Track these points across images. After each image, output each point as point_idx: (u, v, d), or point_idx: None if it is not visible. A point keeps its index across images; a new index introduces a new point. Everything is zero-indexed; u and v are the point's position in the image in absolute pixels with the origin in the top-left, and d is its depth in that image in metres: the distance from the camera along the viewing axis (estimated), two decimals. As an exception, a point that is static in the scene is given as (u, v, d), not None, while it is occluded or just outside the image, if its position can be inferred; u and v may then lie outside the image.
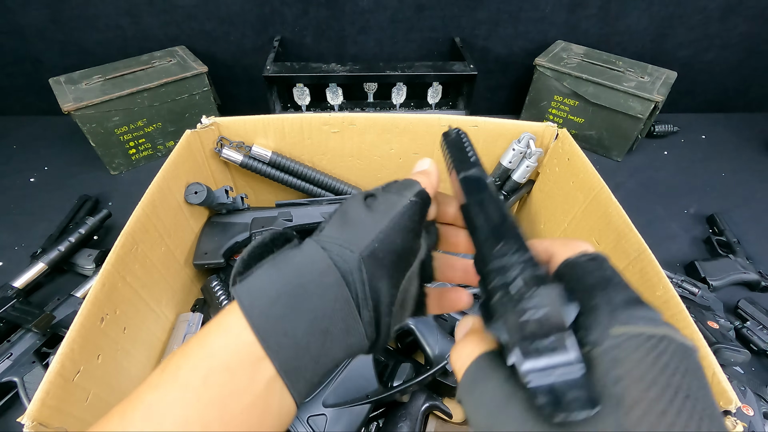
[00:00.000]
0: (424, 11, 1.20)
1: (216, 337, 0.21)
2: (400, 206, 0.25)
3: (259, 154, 0.75)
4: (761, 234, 1.00)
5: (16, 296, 0.72)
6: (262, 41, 1.22)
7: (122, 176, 1.10)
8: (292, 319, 0.21)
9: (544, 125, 0.72)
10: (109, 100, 0.98)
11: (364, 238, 0.23)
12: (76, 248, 0.83)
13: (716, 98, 1.41)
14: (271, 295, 0.21)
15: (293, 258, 0.23)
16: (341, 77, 1.10)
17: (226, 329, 0.21)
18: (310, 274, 0.22)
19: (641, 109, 1.08)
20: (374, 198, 0.26)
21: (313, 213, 0.74)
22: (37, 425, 0.36)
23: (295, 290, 0.21)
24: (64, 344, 0.41)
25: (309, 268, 0.22)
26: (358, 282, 0.22)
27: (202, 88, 1.11)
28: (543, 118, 1.24)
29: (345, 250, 0.23)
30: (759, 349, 0.75)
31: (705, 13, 1.20)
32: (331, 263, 0.22)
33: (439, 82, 1.16)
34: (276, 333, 0.20)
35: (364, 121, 0.73)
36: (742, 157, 1.26)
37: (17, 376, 0.64)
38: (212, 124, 0.70)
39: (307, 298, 0.21)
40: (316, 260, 0.22)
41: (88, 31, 1.15)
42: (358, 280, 0.22)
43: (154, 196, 0.57)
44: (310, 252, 0.23)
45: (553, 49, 1.21)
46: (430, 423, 0.59)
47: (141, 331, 0.56)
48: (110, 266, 0.48)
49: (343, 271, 0.22)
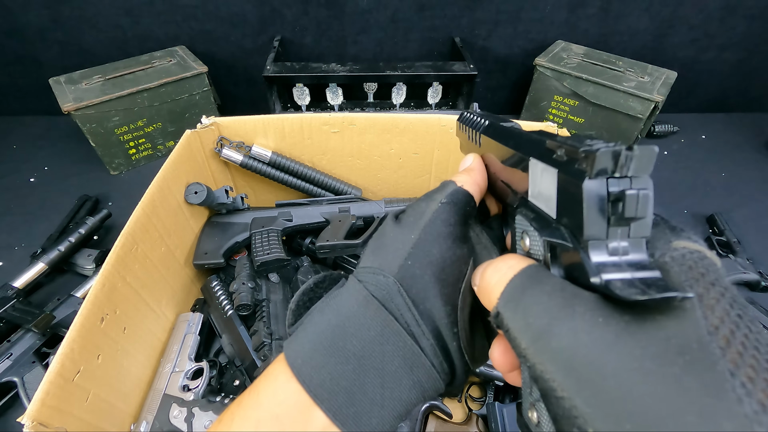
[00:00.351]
0: (424, 11, 1.20)
1: (264, 387, 0.21)
2: (429, 213, 0.22)
3: (259, 154, 0.74)
4: (761, 234, 1.00)
5: (16, 296, 0.72)
6: (262, 41, 1.22)
7: (122, 176, 1.10)
8: (337, 362, 0.20)
9: (544, 125, 0.72)
10: (109, 100, 0.98)
11: (396, 257, 0.21)
12: (76, 248, 0.83)
13: (716, 98, 1.41)
14: (313, 340, 0.21)
15: (335, 298, 0.22)
16: (341, 77, 1.10)
17: (274, 379, 0.21)
18: (349, 311, 0.21)
19: (641, 109, 1.08)
20: (405, 212, 0.24)
21: (313, 213, 0.74)
22: (37, 425, 0.36)
23: (335, 331, 0.20)
24: (64, 344, 0.41)
25: (347, 306, 0.21)
26: (403, 308, 0.20)
27: (202, 88, 1.11)
28: (543, 118, 1.24)
29: (378, 276, 0.21)
30: (759, 349, 0.75)
31: (705, 13, 1.20)
32: (368, 293, 0.21)
33: (439, 82, 1.16)
34: (322, 378, 0.19)
35: (364, 121, 0.73)
36: (742, 157, 1.26)
37: (17, 376, 0.64)
38: (212, 124, 0.70)
39: (349, 338, 0.20)
40: (353, 295, 0.21)
41: (88, 31, 1.15)
42: (402, 305, 0.20)
43: (154, 196, 0.57)
44: (348, 288, 0.22)
45: (553, 49, 1.21)
46: (430, 423, 0.59)
47: (141, 331, 0.56)
48: (110, 266, 0.48)
49: (383, 300, 0.21)
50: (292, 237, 0.79)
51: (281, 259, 0.66)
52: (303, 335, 0.21)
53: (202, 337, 0.65)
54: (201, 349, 0.65)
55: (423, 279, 0.21)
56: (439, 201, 0.23)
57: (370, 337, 0.20)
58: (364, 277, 0.22)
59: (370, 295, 0.21)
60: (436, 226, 0.22)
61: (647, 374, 0.11)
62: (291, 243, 0.79)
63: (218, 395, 0.58)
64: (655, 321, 0.12)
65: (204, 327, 0.66)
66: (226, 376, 0.64)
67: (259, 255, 0.66)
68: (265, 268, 0.67)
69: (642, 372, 0.11)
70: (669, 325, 0.12)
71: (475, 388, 0.67)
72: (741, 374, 0.11)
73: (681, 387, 0.11)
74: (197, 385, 0.58)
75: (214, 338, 0.69)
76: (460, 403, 0.65)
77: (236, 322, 0.64)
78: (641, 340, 0.12)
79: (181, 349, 0.62)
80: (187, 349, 0.61)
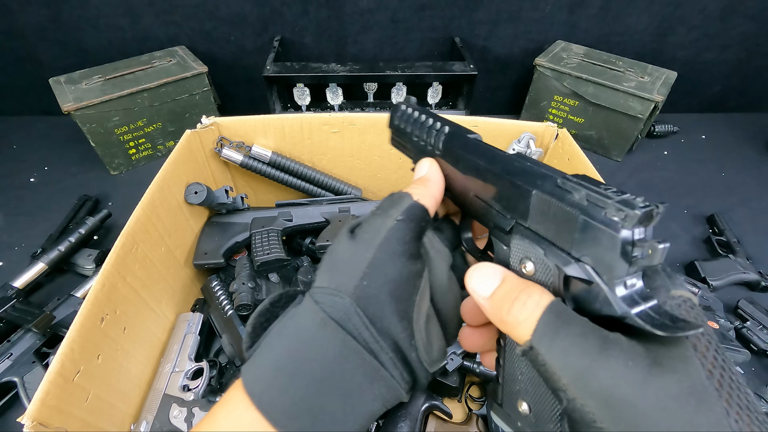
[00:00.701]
0: (425, 11, 1.20)
1: (223, 416, 0.21)
2: (384, 231, 0.22)
3: (259, 154, 0.74)
4: (761, 234, 1.00)
5: (16, 296, 0.72)
6: (262, 41, 1.22)
7: (122, 176, 1.10)
8: (296, 387, 0.20)
9: (544, 125, 0.72)
10: (109, 100, 0.98)
11: (351, 278, 0.21)
12: (76, 248, 0.83)
13: (716, 98, 1.41)
14: (271, 365, 0.20)
15: (292, 319, 0.22)
16: (341, 77, 1.10)
17: (233, 408, 0.20)
18: (306, 333, 0.21)
19: (641, 109, 1.08)
20: (362, 223, 0.24)
21: (313, 213, 0.74)
22: (37, 425, 0.36)
23: (293, 355, 0.20)
24: (64, 344, 0.41)
25: (305, 328, 0.21)
26: (361, 327, 0.21)
27: (202, 88, 1.11)
28: (543, 118, 1.24)
29: (335, 297, 0.21)
30: (759, 349, 0.75)
31: (705, 13, 1.20)
32: (325, 316, 0.21)
33: (439, 82, 1.16)
34: (282, 404, 0.20)
35: (364, 121, 0.73)
36: (742, 157, 1.26)
37: (17, 376, 0.64)
38: (212, 124, 0.70)
39: (308, 361, 0.20)
40: (310, 317, 0.21)
41: (88, 31, 1.15)
42: (360, 325, 0.21)
43: (154, 196, 0.57)
44: (304, 310, 0.22)
45: (553, 49, 1.21)
46: (430, 423, 0.59)
47: (141, 331, 0.56)
48: (110, 266, 0.48)
49: (340, 321, 0.21)
50: (292, 237, 0.79)
51: (281, 259, 0.66)
52: (260, 360, 0.21)
53: (202, 337, 0.65)
54: (201, 349, 0.65)
55: (379, 298, 0.21)
56: (395, 218, 0.23)
57: (329, 358, 0.20)
58: (321, 298, 0.22)
59: (327, 317, 0.21)
60: (391, 245, 0.22)
61: (670, 412, 0.14)
62: (291, 243, 0.79)
63: (218, 395, 0.58)
64: (669, 364, 0.15)
65: (204, 327, 0.66)
66: (226, 376, 0.64)
67: (259, 255, 0.66)
68: (265, 268, 0.67)
69: (666, 411, 0.14)
70: (679, 368, 0.15)
71: (475, 388, 0.67)
72: (733, 413, 0.14)
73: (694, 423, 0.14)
74: (197, 385, 0.58)
75: (214, 338, 0.69)
76: (460, 403, 0.65)
77: (236, 322, 0.64)
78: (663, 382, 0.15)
79: (181, 349, 0.62)
80: (187, 349, 0.61)
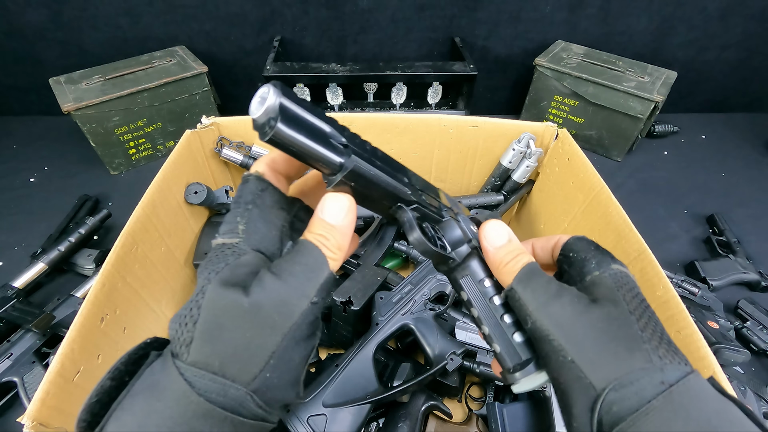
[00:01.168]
0: (425, 11, 1.20)
1: None
2: (296, 316, 0.19)
3: (259, 154, 0.74)
4: (761, 234, 1.00)
5: (16, 296, 0.72)
6: (262, 41, 1.22)
7: (122, 176, 1.10)
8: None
9: (544, 125, 0.72)
10: (109, 100, 0.98)
11: (251, 367, 0.18)
12: (76, 248, 0.83)
13: (716, 98, 1.41)
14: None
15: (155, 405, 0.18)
16: (341, 77, 1.10)
17: None
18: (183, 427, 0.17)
19: (641, 109, 1.08)
20: (262, 287, 0.19)
21: (313, 213, 0.74)
22: (37, 425, 0.36)
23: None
24: (64, 344, 0.41)
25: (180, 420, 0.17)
26: (255, 409, 0.19)
27: (202, 88, 1.11)
28: (543, 118, 1.24)
29: (227, 387, 0.18)
30: (759, 349, 0.75)
31: (705, 13, 1.20)
32: (210, 407, 0.17)
33: (439, 82, 1.16)
34: None
35: (364, 121, 0.73)
36: (742, 157, 1.26)
37: (17, 376, 0.64)
38: (212, 124, 0.70)
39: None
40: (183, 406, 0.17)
41: (88, 31, 1.15)
42: (254, 407, 0.19)
43: (154, 196, 0.57)
44: (176, 395, 0.18)
45: (553, 49, 1.21)
46: (430, 423, 0.59)
47: (141, 331, 0.56)
48: (110, 266, 0.48)
49: (230, 409, 0.18)
50: (292, 237, 0.79)
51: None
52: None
53: (202, 337, 0.65)
54: (201, 349, 0.65)
55: (280, 387, 0.19)
56: (310, 299, 0.20)
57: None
58: (204, 385, 0.18)
59: (212, 407, 0.17)
60: (302, 330, 0.20)
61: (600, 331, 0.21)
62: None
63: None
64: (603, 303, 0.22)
65: (204, 327, 0.66)
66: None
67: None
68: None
69: (597, 330, 0.21)
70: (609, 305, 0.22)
71: (475, 388, 0.67)
72: (646, 332, 0.21)
73: (617, 336, 0.21)
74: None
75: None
76: (460, 403, 0.65)
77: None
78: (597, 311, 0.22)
79: (181, 349, 0.61)
80: (187, 349, 0.61)
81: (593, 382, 0.20)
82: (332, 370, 0.55)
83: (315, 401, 0.52)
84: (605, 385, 0.20)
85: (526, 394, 0.63)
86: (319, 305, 0.20)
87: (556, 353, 0.21)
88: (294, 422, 0.50)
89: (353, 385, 0.54)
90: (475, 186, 0.84)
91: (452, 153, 0.78)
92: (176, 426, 0.17)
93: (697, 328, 0.42)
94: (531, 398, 0.60)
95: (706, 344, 0.40)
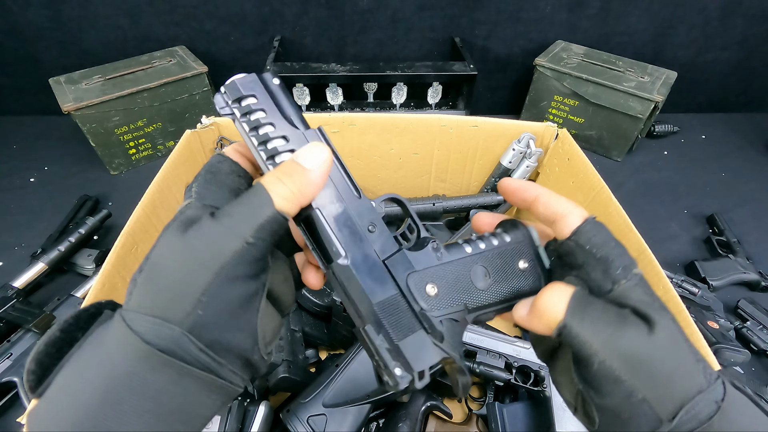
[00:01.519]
0: (425, 11, 1.20)
1: None
2: (228, 254, 0.19)
3: (259, 154, 0.74)
4: (761, 234, 1.00)
5: (16, 296, 0.72)
6: (262, 41, 1.22)
7: (122, 176, 1.10)
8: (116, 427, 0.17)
9: (544, 125, 0.72)
10: (109, 100, 0.98)
11: (182, 305, 0.18)
12: (76, 248, 0.83)
13: (716, 98, 1.41)
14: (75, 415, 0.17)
15: (100, 349, 0.18)
16: (341, 77, 1.10)
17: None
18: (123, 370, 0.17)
19: (641, 109, 1.08)
20: (197, 229, 0.19)
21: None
22: (37, 425, 0.36)
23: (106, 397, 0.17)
24: (64, 344, 0.41)
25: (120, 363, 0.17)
26: (196, 352, 0.18)
27: (202, 88, 1.10)
28: (543, 118, 1.24)
29: (161, 327, 0.18)
30: (759, 349, 0.75)
31: (705, 13, 1.20)
32: (148, 348, 0.17)
33: (439, 82, 1.16)
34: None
35: (364, 121, 0.73)
36: (742, 157, 1.26)
37: (17, 376, 0.64)
38: (212, 124, 0.70)
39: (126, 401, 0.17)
40: (124, 350, 0.18)
41: (88, 31, 1.15)
42: (194, 350, 0.18)
43: (154, 196, 0.57)
44: (117, 341, 0.18)
45: (553, 49, 1.21)
46: (430, 423, 0.59)
47: (141, 331, 0.56)
48: (110, 266, 0.48)
49: (168, 351, 0.18)
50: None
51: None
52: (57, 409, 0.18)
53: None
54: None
55: (218, 324, 0.19)
56: (245, 239, 0.19)
57: (155, 390, 0.18)
58: (140, 327, 0.18)
59: (151, 349, 0.17)
60: (234, 270, 0.19)
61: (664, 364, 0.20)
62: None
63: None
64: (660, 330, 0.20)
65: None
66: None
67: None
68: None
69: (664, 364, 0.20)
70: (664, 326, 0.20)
71: (475, 388, 0.67)
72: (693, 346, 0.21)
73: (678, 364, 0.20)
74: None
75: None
76: (460, 403, 0.65)
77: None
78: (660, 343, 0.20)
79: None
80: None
81: (661, 416, 0.20)
82: (332, 370, 0.55)
83: (315, 401, 0.52)
84: (672, 416, 0.19)
85: (526, 394, 0.63)
86: (260, 245, 0.19)
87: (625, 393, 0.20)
88: (294, 422, 0.50)
89: (353, 385, 0.54)
90: (475, 186, 0.84)
91: (452, 153, 0.78)
92: (117, 369, 0.17)
93: (697, 328, 0.42)
94: (531, 398, 0.60)
95: (707, 344, 0.41)
